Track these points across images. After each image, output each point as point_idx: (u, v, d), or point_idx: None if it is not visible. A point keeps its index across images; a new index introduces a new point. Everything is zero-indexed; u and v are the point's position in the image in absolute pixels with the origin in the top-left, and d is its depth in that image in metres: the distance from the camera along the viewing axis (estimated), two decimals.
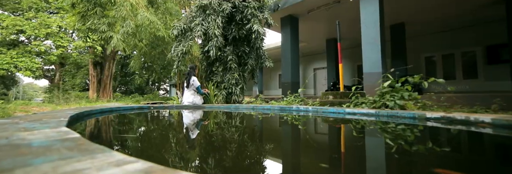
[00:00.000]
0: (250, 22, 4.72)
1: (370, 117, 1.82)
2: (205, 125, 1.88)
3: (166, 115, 2.67)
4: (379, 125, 1.52)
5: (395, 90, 2.01)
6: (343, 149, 0.98)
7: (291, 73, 7.00)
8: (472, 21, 7.43)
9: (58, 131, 0.67)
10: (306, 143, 1.12)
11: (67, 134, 0.60)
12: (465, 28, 7.87)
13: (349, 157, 0.84)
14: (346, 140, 1.18)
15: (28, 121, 0.97)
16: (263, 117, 2.29)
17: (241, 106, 3.19)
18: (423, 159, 0.78)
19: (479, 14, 6.87)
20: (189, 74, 3.68)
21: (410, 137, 1.13)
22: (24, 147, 0.44)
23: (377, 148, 0.95)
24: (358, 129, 1.44)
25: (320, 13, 6.98)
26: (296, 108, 2.65)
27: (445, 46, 8.32)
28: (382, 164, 0.74)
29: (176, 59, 4.67)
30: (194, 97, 3.53)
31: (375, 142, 1.06)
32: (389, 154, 0.85)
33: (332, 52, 9.49)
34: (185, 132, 1.49)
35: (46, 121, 0.95)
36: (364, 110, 1.90)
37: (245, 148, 1.00)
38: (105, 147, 0.44)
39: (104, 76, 13.81)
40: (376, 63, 5.05)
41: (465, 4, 6.08)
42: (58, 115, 1.29)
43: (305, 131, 1.47)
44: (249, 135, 1.40)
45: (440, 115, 1.43)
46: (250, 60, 4.94)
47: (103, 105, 7.49)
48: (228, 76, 4.56)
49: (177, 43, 4.54)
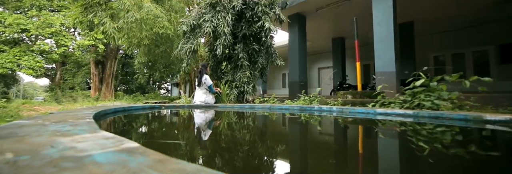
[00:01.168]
0: (261, 19, 4.60)
1: (407, 118, 1.70)
2: (232, 127, 1.76)
3: (186, 115, 2.55)
4: (425, 128, 1.39)
5: (430, 89, 1.89)
6: (398, 156, 0.86)
7: (299, 72, 6.87)
8: (484, 19, 7.29)
9: (102, 136, 0.55)
10: (353, 150, 0.99)
11: (120, 142, 0.48)
12: (476, 27, 7.74)
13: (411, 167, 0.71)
14: (402, 147, 1.05)
15: (53, 122, 0.84)
16: (289, 118, 2.17)
17: (256, 106, 3.07)
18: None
19: (492, 12, 6.74)
20: (201, 73, 3.55)
21: (482, 144, 1.00)
22: (89, 164, 0.31)
23: (437, 155, 0.83)
24: (406, 132, 1.32)
25: (327, 11, 6.85)
26: (318, 108, 2.53)
27: (455, 45, 8.19)
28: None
29: (184, 57, 4.54)
30: (206, 96, 3.41)
31: (434, 149, 0.94)
32: (458, 162, 0.72)
33: (338, 51, 9.36)
34: (223, 135, 1.37)
35: (74, 123, 0.82)
36: (399, 110, 1.77)
37: (282, 153, 0.88)
38: (203, 167, 0.31)
39: (105, 75, 13.68)
40: (389, 62, 4.92)
41: (478, 1, 5.95)
42: (79, 115, 1.16)
43: (346, 136, 1.35)
44: (283, 139, 1.28)
45: (507, 117, 1.28)
46: (260, 58, 4.82)
47: (113, 103, 7.37)
48: (239, 75, 4.43)
49: (185, 40, 4.41)
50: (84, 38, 11.90)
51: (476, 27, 7.77)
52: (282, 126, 1.77)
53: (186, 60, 4.58)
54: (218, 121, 2.06)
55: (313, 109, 2.58)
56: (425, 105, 1.75)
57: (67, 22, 11.58)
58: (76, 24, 8.07)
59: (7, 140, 0.49)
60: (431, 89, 1.88)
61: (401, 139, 1.14)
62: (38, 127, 0.68)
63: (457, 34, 8.16)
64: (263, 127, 1.75)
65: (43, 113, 2.52)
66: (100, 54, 13.22)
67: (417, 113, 1.62)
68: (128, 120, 1.94)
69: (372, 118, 1.93)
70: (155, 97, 14.84)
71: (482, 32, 7.69)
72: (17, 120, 0.88)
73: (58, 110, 3.58)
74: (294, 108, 2.77)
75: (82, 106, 6.79)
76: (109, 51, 13.66)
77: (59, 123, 0.80)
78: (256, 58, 4.83)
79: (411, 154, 0.85)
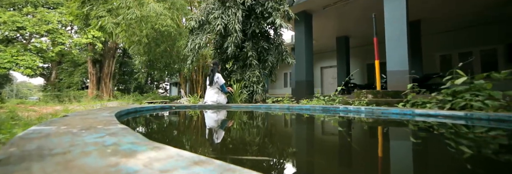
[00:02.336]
0: (272, 16, 4.43)
1: (456, 120, 1.54)
2: (274, 132, 1.59)
3: (211, 117, 2.36)
4: (489, 133, 1.23)
5: (475, 88, 1.74)
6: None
7: (305, 71, 6.72)
8: (491, 18, 7.24)
9: (178, 156, 0.37)
10: (408, 159, 0.83)
11: (202, 160, 0.30)
12: (485, 26, 7.69)
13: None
14: (472, 158, 0.89)
15: (81, 129, 0.66)
16: (322, 119, 2.00)
17: (273, 106, 2.90)
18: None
19: (500, 11, 6.67)
20: (213, 71, 3.36)
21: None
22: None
23: None
24: (466, 137, 1.15)
25: (333, 9, 6.71)
26: (343, 108, 2.37)
27: (463, 44, 8.13)
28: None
29: (189, 55, 4.34)
30: (218, 95, 3.22)
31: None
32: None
33: (343, 50, 9.24)
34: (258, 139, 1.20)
35: (108, 130, 0.64)
36: (446, 112, 1.62)
37: (330, 162, 0.71)
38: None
39: (103, 74, 13.37)
40: (401, 61, 4.79)
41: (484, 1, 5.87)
42: (100, 118, 0.98)
43: (398, 142, 1.19)
44: (324, 146, 1.12)
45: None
46: (270, 57, 4.65)
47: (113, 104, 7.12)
48: (248, 74, 4.26)
49: (195, 37, 4.21)
50: (81, 36, 11.55)
51: (484, 26, 7.72)
52: (315, 129, 1.60)
53: (191, 57, 4.38)
54: (251, 124, 1.88)
55: (338, 109, 2.42)
56: (473, 105, 1.60)
57: (64, 20, 11.24)
58: (73, 19, 7.77)
59: (45, 161, 0.32)
60: (476, 87, 1.73)
61: (466, 146, 0.98)
62: (70, 137, 0.50)
63: (464, 33, 8.11)
64: (300, 130, 1.59)
65: (52, 114, 2.32)
66: (98, 53, 12.89)
67: (471, 115, 1.47)
68: (150, 123, 1.75)
69: (410, 119, 1.78)
70: (154, 97, 14.57)
71: (490, 31, 7.64)
72: (33, 127, 0.69)
73: (58, 110, 3.36)
74: (315, 108, 2.61)
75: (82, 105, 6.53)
76: (107, 50, 13.34)
77: (89, 131, 0.62)
78: (265, 57, 4.66)
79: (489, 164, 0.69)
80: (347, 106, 2.37)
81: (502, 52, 7.57)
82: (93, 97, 12.57)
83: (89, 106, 4.24)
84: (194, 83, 9.47)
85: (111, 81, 13.91)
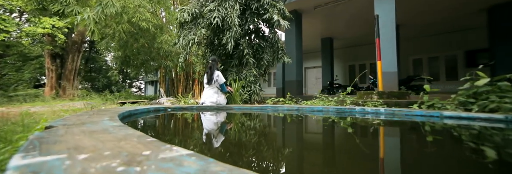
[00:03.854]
0: (268, 12, 4.22)
1: (493, 123, 1.50)
2: (295, 138, 1.36)
3: (211, 119, 2.04)
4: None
5: (499, 89, 1.74)
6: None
7: (296, 71, 6.66)
8: (454, 27, 8.03)
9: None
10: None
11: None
12: (448, 34, 8.50)
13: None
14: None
15: (102, 155, 0.35)
16: (349, 124, 1.84)
17: (280, 107, 2.68)
18: None
19: (462, 22, 7.43)
20: (211, 68, 3.00)
21: None
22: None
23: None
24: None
25: (323, 10, 6.76)
26: (360, 110, 2.25)
27: (432, 49, 8.88)
28: None
29: (181, 51, 3.91)
30: (218, 95, 2.88)
31: None
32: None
33: (328, 51, 9.44)
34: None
35: (180, 165, 0.35)
36: (480, 114, 1.57)
37: None
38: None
39: (66, 70, 11.77)
40: (391, 62, 4.98)
41: (456, 11, 6.46)
42: (118, 133, 0.66)
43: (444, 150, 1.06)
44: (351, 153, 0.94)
45: None
46: (265, 55, 4.43)
47: (76, 104, 6.19)
48: (245, 73, 3.98)
49: (187, 32, 3.78)
50: (36, 26, 9.90)
51: (448, 34, 8.53)
52: (356, 137, 1.43)
53: (183, 55, 3.95)
54: (267, 127, 1.63)
55: (354, 111, 2.30)
56: (505, 107, 1.58)
57: (7, 3, 9.46)
58: (23, 3, 6.50)
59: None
60: (500, 89, 1.73)
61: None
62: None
63: (434, 39, 8.87)
64: (339, 140, 1.39)
65: (13, 122, 1.74)
66: (59, 46, 11.27)
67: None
68: (152, 128, 1.39)
69: (437, 121, 1.71)
70: (128, 96, 13.29)
71: (453, 39, 8.47)
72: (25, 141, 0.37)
73: (14, 114, 2.71)
74: (329, 110, 2.46)
75: (45, 106, 5.52)
76: (70, 43, 11.76)
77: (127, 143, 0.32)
78: (261, 55, 4.43)
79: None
80: (364, 107, 2.26)
81: (462, 58, 8.46)
82: (52, 95, 10.97)
83: (56, 107, 3.54)
84: (176, 82, 8.82)
85: (76, 79, 12.33)
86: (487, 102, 1.71)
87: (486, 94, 1.78)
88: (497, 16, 6.16)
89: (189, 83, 9.18)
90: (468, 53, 8.37)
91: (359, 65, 10.54)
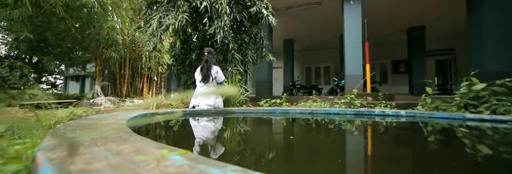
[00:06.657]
0: (255, 5, 3.86)
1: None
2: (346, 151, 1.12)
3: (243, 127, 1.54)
4: None
5: (497, 93, 2.00)
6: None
7: (267, 71, 6.51)
8: (383, 41, 9.82)
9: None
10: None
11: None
12: (381, 46, 10.31)
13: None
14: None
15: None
16: (383, 129, 1.72)
17: (291, 110, 2.40)
18: None
19: (390, 38, 9.17)
20: (208, 62, 2.37)
21: None
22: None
23: None
24: None
25: (293, 12, 6.88)
26: (379, 112, 2.22)
27: (372, 57, 10.53)
28: None
29: (150, 38, 3.05)
30: (215, 97, 2.30)
31: None
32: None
33: (290, 52, 9.76)
34: None
35: None
36: (505, 117, 1.74)
37: None
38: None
39: None
40: (357, 66, 5.47)
41: (385, 29, 7.90)
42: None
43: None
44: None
45: None
46: (249, 51, 4.05)
47: None
48: (230, 70, 3.48)
49: (163, 14, 2.93)
50: None
51: (381, 46, 10.34)
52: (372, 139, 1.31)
53: (152, 42, 3.09)
54: (305, 135, 1.31)
55: (373, 113, 2.26)
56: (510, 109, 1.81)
57: None
58: None
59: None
60: (497, 93, 1.99)
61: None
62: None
63: (373, 50, 10.52)
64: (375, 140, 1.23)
65: None
66: None
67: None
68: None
69: (460, 124, 1.82)
70: (34, 94, 9.93)
71: (384, 50, 10.32)
72: None
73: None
74: (346, 112, 2.34)
75: None
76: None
77: None
78: (245, 51, 4.02)
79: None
80: (383, 110, 2.24)
81: (390, 66, 10.42)
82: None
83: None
84: (118, 79, 7.12)
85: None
86: (490, 104, 1.91)
87: (486, 97, 2.01)
88: (412, 35, 7.91)
89: (135, 80, 7.62)
90: (394, 63, 10.35)
91: (315, 68, 11.43)
